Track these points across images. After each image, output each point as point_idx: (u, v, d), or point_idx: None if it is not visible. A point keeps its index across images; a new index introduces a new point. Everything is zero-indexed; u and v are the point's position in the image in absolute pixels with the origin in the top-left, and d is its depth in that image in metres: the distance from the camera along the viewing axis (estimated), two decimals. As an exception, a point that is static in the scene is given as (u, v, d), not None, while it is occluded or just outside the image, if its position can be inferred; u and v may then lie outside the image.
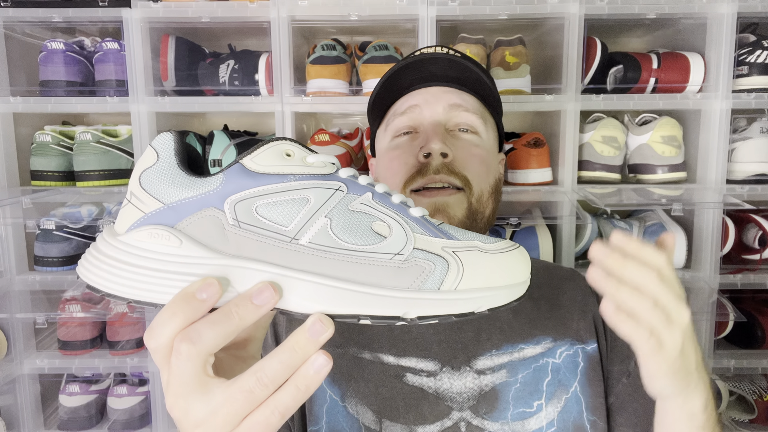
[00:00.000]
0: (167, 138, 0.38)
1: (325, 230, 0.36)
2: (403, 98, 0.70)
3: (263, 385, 0.33)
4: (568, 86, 1.16)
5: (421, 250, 0.37)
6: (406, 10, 1.13)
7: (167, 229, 0.35)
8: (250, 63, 1.20)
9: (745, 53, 1.16)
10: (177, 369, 0.33)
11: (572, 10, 1.13)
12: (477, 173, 0.66)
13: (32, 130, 1.25)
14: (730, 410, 1.29)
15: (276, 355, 0.34)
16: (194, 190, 0.36)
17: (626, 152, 1.23)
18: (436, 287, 0.36)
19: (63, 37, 1.29)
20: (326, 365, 0.34)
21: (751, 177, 1.17)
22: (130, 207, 0.37)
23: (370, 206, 0.38)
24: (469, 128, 0.68)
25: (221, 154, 1.23)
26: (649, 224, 1.24)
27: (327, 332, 0.34)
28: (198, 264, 0.35)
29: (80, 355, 1.27)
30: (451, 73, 0.68)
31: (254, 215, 0.36)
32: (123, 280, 0.35)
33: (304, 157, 0.38)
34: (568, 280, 0.74)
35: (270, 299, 0.34)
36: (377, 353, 0.63)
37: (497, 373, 0.63)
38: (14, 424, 1.27)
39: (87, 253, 0.37)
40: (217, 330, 0.33)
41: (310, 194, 0.37)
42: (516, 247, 0.39)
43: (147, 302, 0.35)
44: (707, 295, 1.17)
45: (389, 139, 0.70)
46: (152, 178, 0.37)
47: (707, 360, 1.20)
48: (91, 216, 1.19)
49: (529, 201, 1.30)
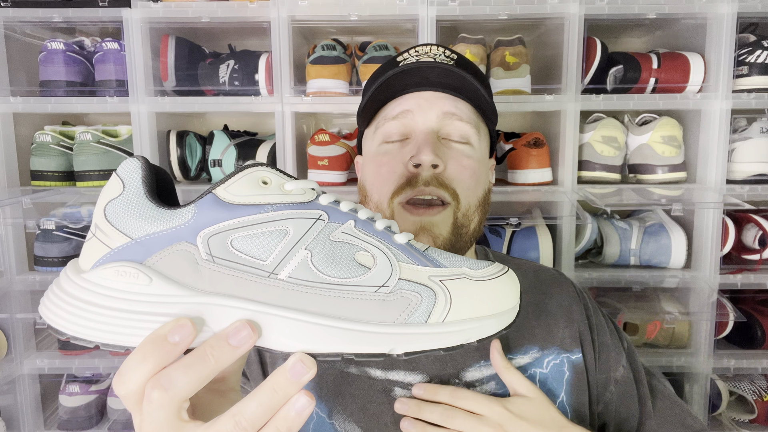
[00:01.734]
0: (133, 165, 0.35)
1: (306, 263, 0.34)
2: (395, 101, 0.67)
3: (242, 429, 0.31)
4: (568, 86, 1.16)
5: (407, 280, 0.35)
6: (406, 10, 1.13)
7: (136, 265, 0.33)
8: (250, 63, 1.20)
9: (745, 53, 1.16)
10: (149, 416, 0.32)
11: (572, 10, 1.13)
12: (467, 186, 0.64)
13: (32, 130, 1.25)
14: (730, 410, 1.29)
15: (255, 397, 0.32)
16: (164, 223, 0.34)
17: (626, 152, 1.23)
18: (423, 320, 0.34)
19: (63, 37, 1.29)
20: (308, 406, 0.32)
21: (751, 177, 1.17)
22: (95, 241, 0.34)
23: (353, 235, 0.36)
24: (462, 138, 0.66)
25: (221, 154, 1.23)
26: (649, 224, 1.24)
27: (309, 373, 0.32)
28: (170, 303, 0.33)
29: (80, 355, 1.27)
30: (446, 80, 0.65)
31: (229, 249, 0.34)
32: (89, 322, 0.33)
33: (282, 185, 0.36)
34: (555, 285, 0.73)
35: (248, 339, 0.32)
36: (364, 368, 0.62)
37: (486, 384, 0.62)
38: (14, 424, 1.27)
39: (49, 291, 0.34)
40: (191, 375, 0.32)
41: (288, 225, 0.35)
42: (505, 271, 0.37)
43: (115, 345, 0.33)
44: (707, 295, 1.17)
45: (378, 143, 0.68)
46: (118, 210, 0.34)
47: (707, 360, 1.20)
48: (91, 216, 1.19)
49: (529, 201, 1.30)
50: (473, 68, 0.69)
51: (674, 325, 1.23)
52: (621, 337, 0.73)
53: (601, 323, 0.72)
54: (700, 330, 1.20)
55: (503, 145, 1.27)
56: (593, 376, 0.67)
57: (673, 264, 1.22)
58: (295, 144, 1.20)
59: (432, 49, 0.69)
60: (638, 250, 1.22)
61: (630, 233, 1.23)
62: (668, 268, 1.23)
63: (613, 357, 0.70)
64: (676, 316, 1.21)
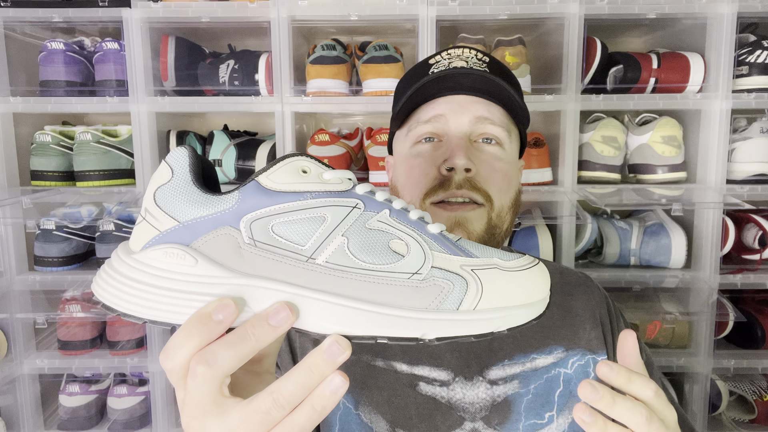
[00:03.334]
0: (182, 154, 0.37)
1: (342, 249, 0.36)
2: (428, 105, 0.67)
3: (279, 406, 0.33)
4: (568, 86, 1.16)
5: (439, 268, 0.36)
6: (406, 10, 1.13)
7: (183, 248, 0.35)
8: (250, 63, 1.20)
9: (745, 53, 1.16)
10: (193, 390, 0.33)
11: (572, 10, 1.13)
12: (499, 188, 0.64)
13: (32, 130, 1.25)
14: (730, 410, 1.29)
15: (292, 376, 0.34)
16: (210, 208, 0.36)
17: (626, 152, 1.23)
18: (455, 307, 0.35)
19: (63, 37, 1.29)
20: (342, 386, 0.34)
21: (751, 177, 1.17)
22: (145, 224, 0.36)
23: (388, 224, 0.37)
24: (494, 139, 0.66)
25: (221, 154, 1.23)
26: (649, 224, 1.24)
27: (344, 354, 0.34)
28: (214, 284, 0.35)
29: (80, 355, 1.27)
30: (481, 86, 0.65)
31: (270, 234, 0.36)
32: (138, 299, 0.35)
33: (321, 174, 0.38)
34: (581, 286, 0.73)
35: (286, 320, 0.34)
36: (390, 361, 0.63)
37: (509, 383, 0.63)
38: (14, 424, 1.27)
39: (101, 271, 0.37)
40: (233, 352, 0.33)
41: (326, 212, 0.36)
42: (535, 263, 0.38)
43: (163, 322, 0.35)
44: (707, 295, 1.17)
45: (410, 144, 0.68)
46: (167, 195, 0.36)
47: (707, 360, 1.20)
48: (91, 216, 1.19)
49: (529, 201, 1.30)
50: (506, 72, 0.69)
51: (674, 325, 1.23)
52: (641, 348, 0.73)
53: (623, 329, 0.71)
54: (700, 330, 1.20)
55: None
56: None
57: (673, 264, 1.22)
58: (295, 144, 1.20)
59: (464, 52, 0.68)
60: (638, 250, 1.22)
61: (630, 233, 1.23)
62: (668, 268, 1.23)
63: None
64: (676, 316, 1.21)
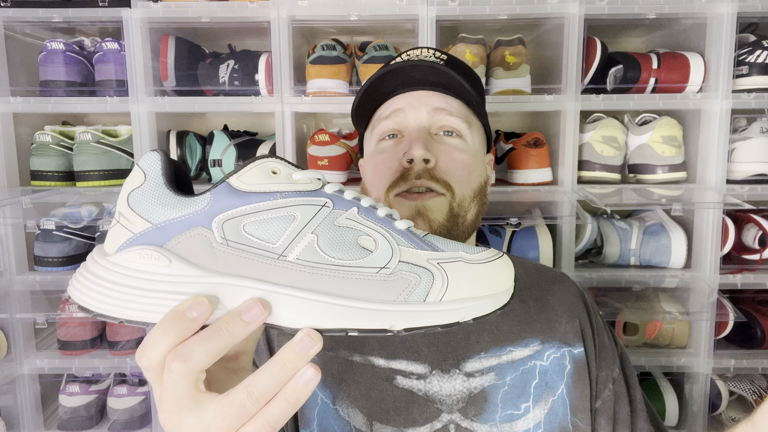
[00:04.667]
0: (154, 158, 0.38)
1: (312, 246, 0.37)
2: (387, 102, 0.70)
3: (254, 399, 0.34)
4: (568, 86, 1.16)
5: (406, 263, 0.37)
6: (406, 10, 1.13)
7: (156, 249, 0.36)
8: (250, 63, 1.20)
9: (745, 53, 1.16)
10: (169, 386, 0.34)
11: (572, 10, 1.13)
12: (459, 179, 0.66)
13: (32, 130, 1.25)
14: (730, 410, 1.29)
15: (266, 370, 0.35)
16: (182, 209, 0.37)
17: (626, 152, 1.23)
18: (422, 299, 0.37)
19: (63, 37, 1.29)
20: (315, 378, 0.35)
21: (751, 177, 1.17)
22: (119, 227, 0.37)
23: (356, 221, 0.38)
24: (454, 131, 0.68)
25: (221, 154, 1.23)
26: (649, 224, 1.24)
27: (315, 347, 0.35)
28: (188, 283, 0.36)
29: (80, 355, 1.27)
30: (433, 78, 0.68)
31: (242, 233, 0.37)
32: (114, 300, 0.35)
33: (290, 174, 0.39)
34: (557, 282, 0.75)
35: (259, 315, 0.35)
36: (368, 356, 0.64)
37: (486, 375, 0.64)
38: (14, 424, 1.27)
39: (77, 274, 0.38)
40: (207, 347, 0.34)
41: (296, 211, 0.37)
42: (499, 256, 0.39)
43: (138, 321, 0.36)
44: (707, 295, 1.17)
45: (375, 143, 0.71)
46: (140, 198, 0.37)
47: (707, 360, 1.20)
48: (91, 216, 1.19)
49: (529, 201, 1.30)
50: (461, 66, 0.71)
51: (674, 325, 1.23)
52: (616, 342, 0.75)
53: (599, 324, 0.73)
54: (700, 330, 1.20)
55: (503, 145, 1.27)
56: (594, 371, 0.68)
57: (673, 264, 1.22)
58: (295, 144, 1.20)
59: (423, 51, 0.71)
60: (638, 250, 1.23)
61: (630, 233, 1.23)
62: (668, 268, 1.23)
63: (611, 358, 0.71)
64: (676, 316, 1.21)
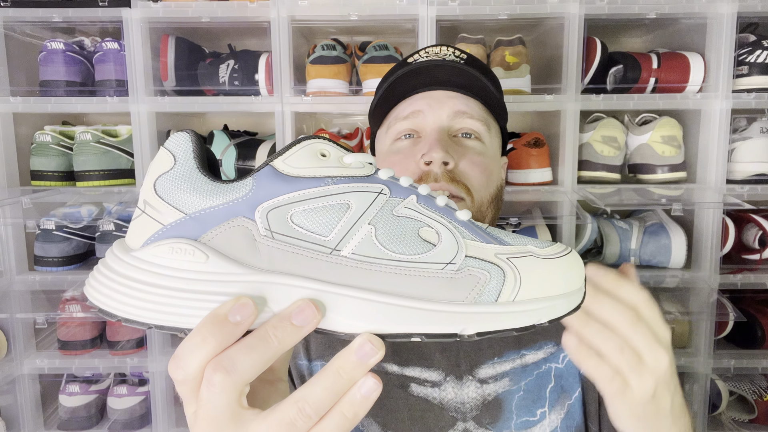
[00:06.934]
0: (184, 138, 0.33)
1: (370, 239, 0.32)
2: (406, 101, 0.68)
3: (306, 415, 0.30)
4: (568, 86, 1.16)
5: (473, 258, 0.33)
6: (406, 10, 1.13)
7: (191, 242, 0.31)
8: (250, 63, 1.20)
9: (745, 53, 1.16)
10: (208, 402, 0.30)
11: (572, 10, 1.13)
12: (478, 182, 0.65)
13: (32, 130, 1.25)
14: (730, 410, 1.29)
15: (319, 381, 0.30)
16: (220, 197, 0.32)
17: (626, 152, 1.23)
18: (493, 299, 0.32)
19: (63, 37, 1.29)
20: (376, 389, 0.30)
21: (751, 177, 1.17)
22: (145, 218, 0.32)
23: (416, 210, 0.34)
24: (473, 133, 0.67)
25: (221, 154, 1.23)
26: (649, 224, 1.24)
27: (377, 354, 0.31)
28: (228, 282, 0.31)
29: (80, 355, 1.27)
30: (456, 79, 0.66)
31: (289, 224, 0.32)
32: (142, 302, 0.30)
33: (341, 157, 0.34)
34: None
35: (311, 319, 0.31)
36: (381, 362, 0.62)
37: (500, 381, 0.62)
38: (14, 424, 1.27)
39: (95, 272, 0.32)
40: (254, 356, 0.30)
41: (351, 199, 0.33)
42: (569, 251, 0.36)
43: (172, 327, 0.31)
44: (707, 295, 1.17)
45: (390, 142, 0.69)
46: (170, 184, 0.32)
47: (707, 360, 1.20)
48: (91, 216, 1.19)
49: (529, 201, 1.30)
50: (483, 66, 0.70)
51: (674, 325, 1.23)
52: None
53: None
54: (700, 330, 1.20)
55: (503, 145, 1.27)
56: None
57: (673, 264, 1.22)
58: (295, 144, 1.19)
59: (442, 49, 0.69)
60: (638, 250, 1.22)
61: (630, 233, 1.23)
62: (668, 268, 1.23)
63: None
64: (676, 316, 1.21)
